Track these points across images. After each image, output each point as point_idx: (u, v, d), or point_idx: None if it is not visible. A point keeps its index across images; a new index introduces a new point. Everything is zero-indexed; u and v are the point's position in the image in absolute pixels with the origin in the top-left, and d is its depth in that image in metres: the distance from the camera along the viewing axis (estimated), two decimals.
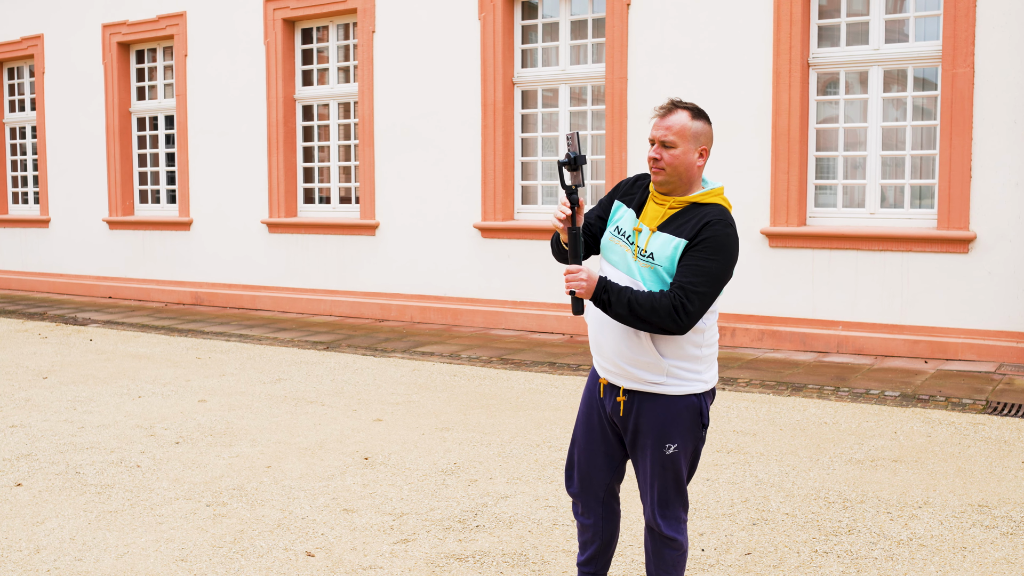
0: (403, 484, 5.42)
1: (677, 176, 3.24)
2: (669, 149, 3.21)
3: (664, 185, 3.27)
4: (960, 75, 8.45)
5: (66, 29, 14.64)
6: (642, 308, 3.12)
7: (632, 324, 3.16)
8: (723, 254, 3.17)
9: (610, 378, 3.37)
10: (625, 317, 3.16)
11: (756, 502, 5.04)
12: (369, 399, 7.53)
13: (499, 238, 10.91)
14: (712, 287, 3.16)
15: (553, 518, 4.85)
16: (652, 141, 3.26)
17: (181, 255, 13.68)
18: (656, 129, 3.25)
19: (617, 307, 3.15)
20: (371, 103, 11.69)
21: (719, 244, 3.17)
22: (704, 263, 3.15)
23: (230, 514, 4.97)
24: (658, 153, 3.23)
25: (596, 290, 3.18)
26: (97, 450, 6.16)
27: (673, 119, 3.22)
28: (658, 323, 3.13)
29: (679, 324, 3.13)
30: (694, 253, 3.16)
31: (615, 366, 3.33)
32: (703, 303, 3.15)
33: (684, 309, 3.11)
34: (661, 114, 3.25)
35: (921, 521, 4.74)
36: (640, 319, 3.13)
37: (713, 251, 3.16)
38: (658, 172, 3.25)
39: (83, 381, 8.31)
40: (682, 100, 3.28)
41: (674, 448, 3.28)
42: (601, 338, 3.36)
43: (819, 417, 6.76)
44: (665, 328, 3.14)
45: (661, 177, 3.25)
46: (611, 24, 10.05)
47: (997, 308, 8.46)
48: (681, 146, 3.21)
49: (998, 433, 6.27)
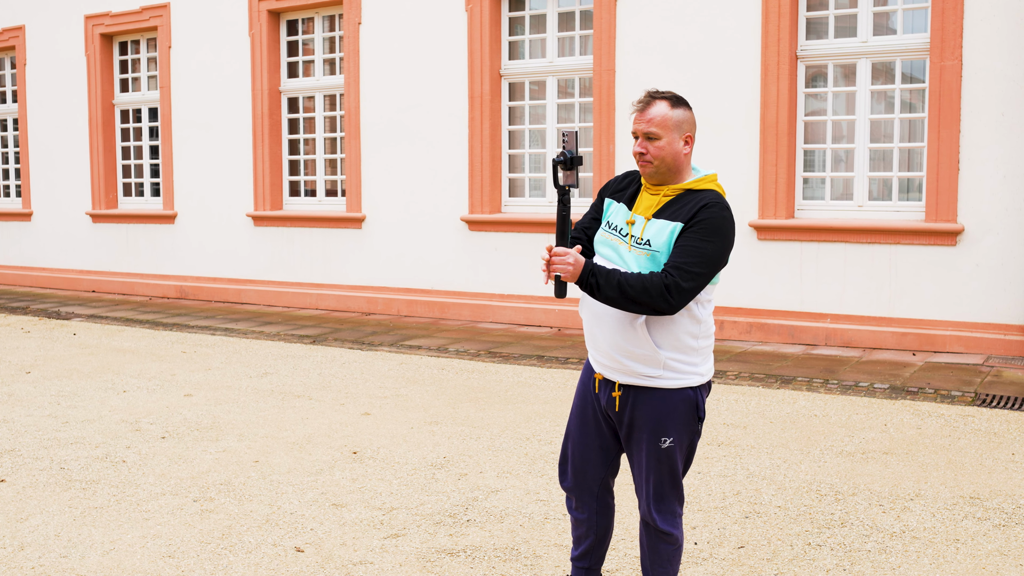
0: (392, 478, 5.37)
1: (666, 167, 3.22)
2: (653, 141, 3.20)
3: (654, 177, 3.25)
4: (948, 68, 8.44)
5: (48, 20, 14.49)
6: (632, 288, 3.07)
7: (623, 306, 3.11)
8: (719, 236, 3.15)
9: (605, 373, 3.33)
10: (616, 299, 3.10)
11: (748, 495, 5.02)
12: (357, 393, 7.48)
13: (486, 231, 10.86)
14: (706, 268, 3.12)
15: (545, 512, 4.81)
16: (635, 135, 3.24)
17: (165, 249, 13.57)
18: (638, 123, 3.22)
19: (607, 289, 3.10)
20: (357, 95, 11.62)
21: (715, 226, 3.14)
22: (698, 244, 3.12)
23: (217, 509, 4.91)
24: (643, 147, 3.21)
25: (583, 274, 3.13)
26: (82, 445, 6.08)
27: (653, 111, 3.20)
28: (649, 303, 3.08)
29: (670, 303, 3.08)
30: (689, 234, 3.13)
31: (611, 360, 3.29)
32: (696, 283, 3.11)
33: (677, 287, 3.07)
34: (640, 108, 3.23)
35: (913, 513, 4.73)
36: (631, 300, 3.08)
37: (709, 233, 3.13)
38: (646, 165, 3.24)
39: (67, 376, 8.23)
40: (659, 90, 3.26)
41: (670, 442, 3.26)
42: (597, 332, 3.32)
43: (809, 410, 6.74)
44: (657, 308, 3.09)
45: (650, 169, 3.24)
46: (599, 16, 10.01)
47: (985, 300, 8.47)
48: (665, 136, 3.20)
49: (987, 425, 6.27)
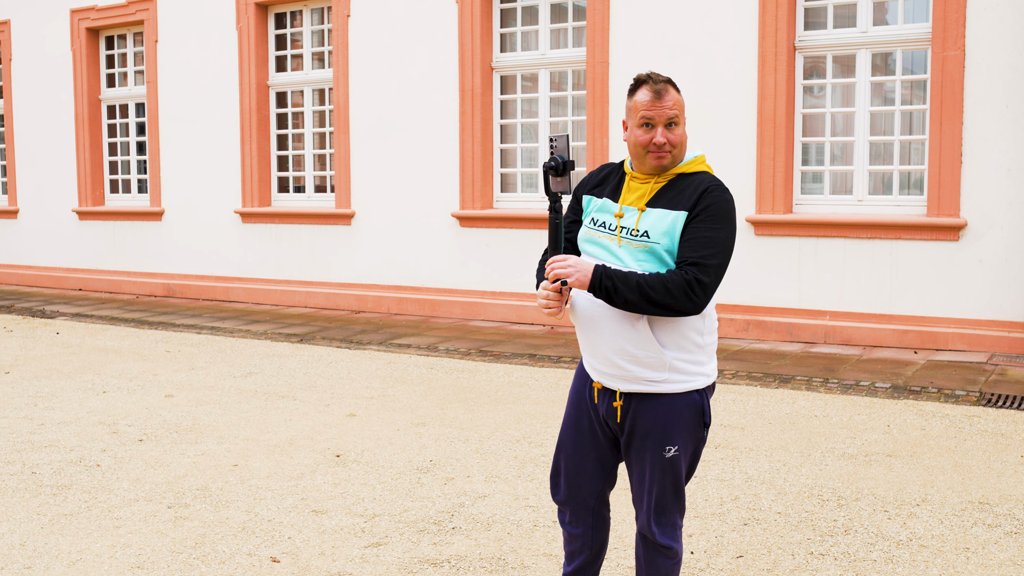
0: (376, 483, 5.15)
1: (680, 154, 3.01)
2: (674, 129, 2.96)
3: (665, 168, 3.00)
4: (950, 58, 8.23)
5: (34, 14, 14.23)
6: (653, 290, 2.82)
7: (643, 310, 2.85)
8: (727, 221, 2.93)
9: (605, 381, 3.06)
10: (636, 303, 2.84)
11: (747, 500, 4.80)
12: (343, 393, 7.26)
13: (478, 227, 10.64)
14: (723, 257, 2.90)
15: (534, 519, 4.59)
16: (650, 123, 2.95)
17: (152, 246, 13.33)
18: (655, 109, 2.94)
19: (627, 292, 2.83)
20: (346, 89, 11.38)
21: (722, 211, 2.92)
22: (710, 232, 2.89)
23: (192, 516, 4.69)
24: (665, 136, 2.95)
25: (594, 277, 2.86)
26: (56, 448, 5.86)
27: (670, 96, 2.95)
28: (672, 304, 2.83)
29: (695, 302, 2.85)
30: (697, 224, 2.90)
31: (612, 366, 3.02)
32: (717, 275, 2.88)
33: (700, 284, 2.83)
34: (654, 96, 2.94)
35: (920, 520, 4.51)
36: (652, 303, 2.83)
37: (718, 219, 2.90)
38: (665, 156, 2.97)
39: (46, 376, 8.00)
40: (657, 73, 3.00)
41: (674, 451, 3.01)
42: (595, 337, 3.04)
43: (809, 410, 6.53)
44: (681, 309, 2.85)
45: (668, 160, 2.98)
46: (592, 7, 9.78)
47: (988, 297, 8.26)
48: (682, 122, 2.99)
49: (994, 426, 6.06)
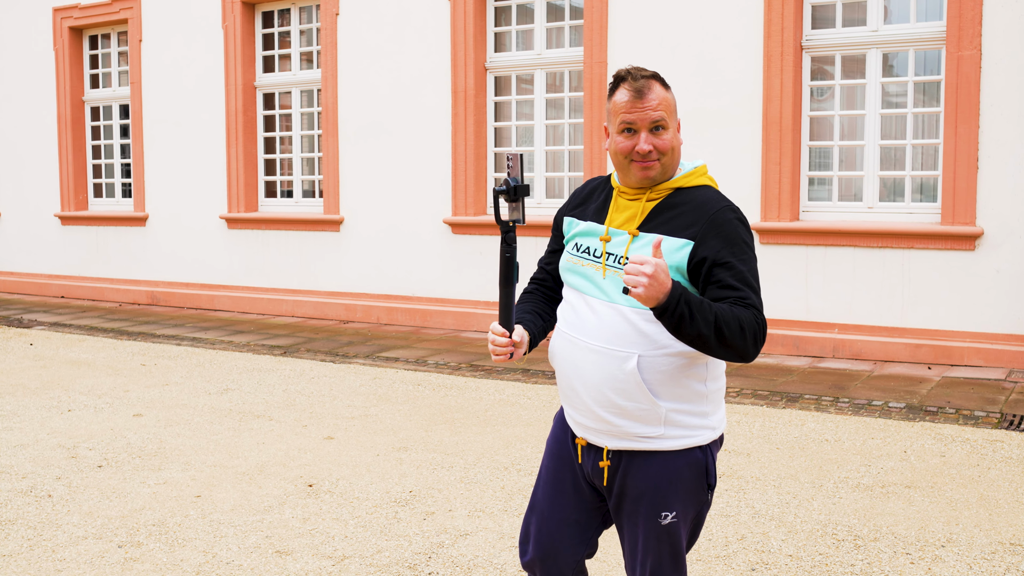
0: (349, 518, 4.72)
1: (672, 163, 2.55)
2: (660, 133, 2.49)
3: (656, 180, 2.54)
4: (966, 58, 7.80)
5: (16, 13, 13.80)
6: (729, 327, 2.32)
7: (707, 348, 2.36)
8: (750, 248, 2.51)
9: (589, 436, 2.61)
10: (706, 339, 2.32)
11: (754, 540, 4.37)
12: (322, 413, 6.83)
13: (471, 234, 10.21)
14: (760, 295, 2.46)
15: (519, 564, 4.16)
16: (631, 128, 2.48)
17: (136, 252, 12.90)
18: (635, 112, 2.47)
19: (702, 325, 2.30)
20: (335, 90, 10.96)
21: (742, 239, 2.49)
22: (741, 267, 2.44)
23: (143, 558, 4.26)
24: (650, 143, 2.47)
25: (671, 298, 2.28)
26: (7, 476, 5.43)
27: (654, 94, 2.48)
28: (741, 348, 2.36)
29: (758, 349, 2.41)
30: (721, 264, 2.44)
31: (597, 420, 2.56)
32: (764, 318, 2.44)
33: (763, 329, 2.39)
34: (635, 95, 2.47)
35: (946, 564, 4.08)
36: (724, 344, 2.34)
37: (740, 250, 2.47)
38: (651, 167, 2.50)
39: (10, 392, 7.57)
40: (639, 68, 2.52)
41: (672, 517, 2.55)
42: (577, 383, 2.58)
43: (819, 433, 6.10)
44: (745, 356, 2.39)
45: (656, 171, 2.51)
46: (590, 5, 9.36)
47: (1006, 309, 7.83)
48: (671, 124, 2.51)
49: (1019, 452, 5.62)
